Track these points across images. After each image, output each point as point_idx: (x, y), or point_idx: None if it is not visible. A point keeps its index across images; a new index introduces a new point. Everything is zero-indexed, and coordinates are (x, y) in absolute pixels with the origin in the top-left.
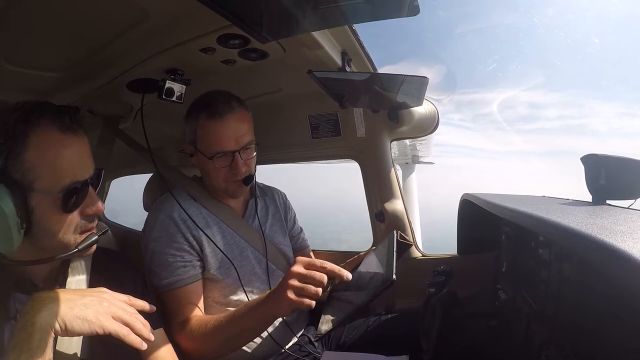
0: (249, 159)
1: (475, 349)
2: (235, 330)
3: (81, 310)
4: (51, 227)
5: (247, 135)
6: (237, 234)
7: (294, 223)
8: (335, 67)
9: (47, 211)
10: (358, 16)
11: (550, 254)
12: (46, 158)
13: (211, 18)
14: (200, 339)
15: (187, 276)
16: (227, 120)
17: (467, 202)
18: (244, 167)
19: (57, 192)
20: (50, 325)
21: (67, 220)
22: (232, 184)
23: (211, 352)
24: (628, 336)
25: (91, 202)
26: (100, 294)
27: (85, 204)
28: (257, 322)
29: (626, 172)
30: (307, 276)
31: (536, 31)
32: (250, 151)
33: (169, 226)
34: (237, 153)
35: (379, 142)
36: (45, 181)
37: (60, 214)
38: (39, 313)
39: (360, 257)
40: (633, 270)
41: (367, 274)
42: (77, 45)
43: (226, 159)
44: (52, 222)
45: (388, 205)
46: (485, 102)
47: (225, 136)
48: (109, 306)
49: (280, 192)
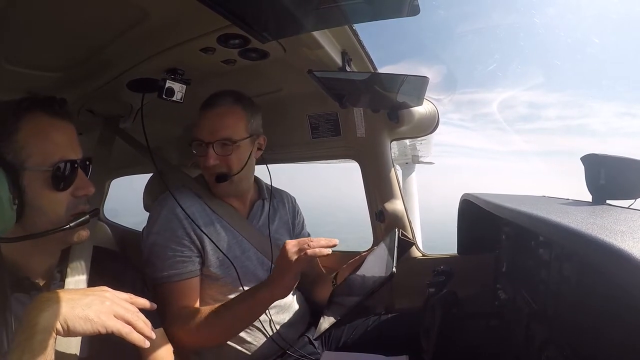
0: (225, 155)
1: (475, 349)
2: (231, 316)
3: (83, 310)
4: (43, 205)
5: (225, 130)
6: (239, 234)
7: (302, 228)
8: (335, 67)
9: (39, 189)
10: (358, 16)
11: (551, 254)
12: (36, 138)
13: (211, 18)
14: (195, 328)
15: (186, 271)
16: (209, 112)
17: (467, 202)
18: (212, 160)
19: (47, 168)
20: (52, 326)
21: (58, 199)
22: (208, 177)
23: (205, 341)
24: (628, 336)
25: (82, 183)
26: (102, 293)
27: (76, 185)
28: (253, 308)
29: (626, 172)
30: (300, 242)
31: (536, 31)
32: (228, 148)
33: (171, 221)
34: (211, 145)
35: (379, 142)
36: (36, 158)
37: (52, 192)
38: (41, 314)
39: (361, 257)
40: (633, 270)
41: (370, 278)
42: (77, 45)
43: (201, 148)
44: (44, 200)
45: (388, 205)
46: (485, 101)
47: (202, 126)
48: (111, 305)
49: (290, 196)
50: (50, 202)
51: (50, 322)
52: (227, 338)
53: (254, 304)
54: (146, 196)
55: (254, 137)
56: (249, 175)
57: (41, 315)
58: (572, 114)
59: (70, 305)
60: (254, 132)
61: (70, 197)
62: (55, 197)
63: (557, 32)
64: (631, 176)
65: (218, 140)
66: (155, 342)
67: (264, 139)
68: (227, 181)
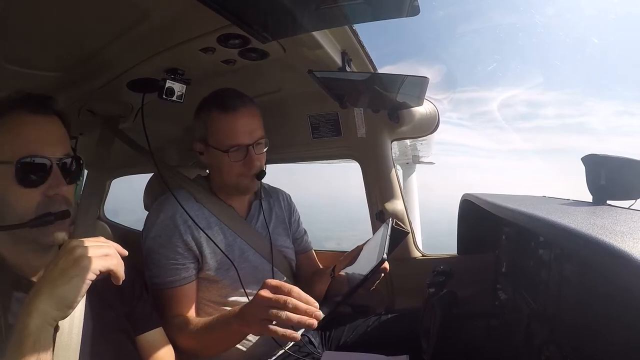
0: (260, 154)
1: (475, 349)
2: (209, 340)
3: (65, 284)
4: (9, 200)
5: (259, 130)
6: (238, 235)
7: (298, 225)
8: (335, 67)
9: (7, 183)
10: (358, 16)
11: (551, 254)
12: (9, 133)
13: (211, 18)
14: (186, 337)
15: (180, 278)
16: (240, 113)
17: (467, 202)
18: (259, 162)
19: (14, 162)
20: (43, 324)
21: (26, 196)
22: (245, 178)
23: (196, 351)
24: (628, 336)
25: (55, 183)
26: (70, 256)
27: (49, 184)
28: (228, 336)
29: (626, 173)
30: (273, 300)
31: (536, 31)
32: (262, 146)
33: (167, 227)
34: (252, 147)
35: (379, 142)
36: (4, 153)
37: (19, 187)
38: (29, 317)
39: (357, 249)
40: (633, 270)
41: (365, 268)
42: (77, 45)
43: (240, 152)
44: (10, 195)
45: (388, 205)
46: (483, 100)
47: (239, 129)
48: (86, 262)
49: (285, 194)
50: (16, 198)
51: (41, 322)
52: (215, 353)
53: (230, 333)
54: (146, 196)
55: None
56: None
57: (30, 318)
58: (571, 113)
59: (51, 289)
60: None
61: (42, 196)
62: (23, 193)
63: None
64: (631, 177)
65: (256, 140)
66: (155, 342)
67: None
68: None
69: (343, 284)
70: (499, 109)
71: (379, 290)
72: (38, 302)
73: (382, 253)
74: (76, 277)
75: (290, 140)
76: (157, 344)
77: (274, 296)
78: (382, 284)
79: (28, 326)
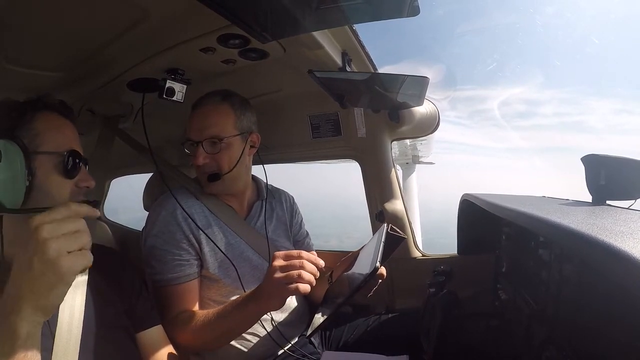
0: (214, 154)
1: (475, 349)
2: (222, 328)
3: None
4: (50, 188)
5: (212, 128)
6: (237, 235)
7: (300, 227)
8: (335, 67)
9: (49, 173)
10: (358, 16)
11: (551, 255)
12: (50, 129)
13: (211, 18)
14: (191, 333)
15: (184, 274)
16: (198, 111)
17: (467, 203)
18: (201, 159)
19: (60, 153)
20: (31, 330)
21: (64, 185)
22: (202, 176)
23: (202, 345)
24: (628, 336)
25: (85, 177)
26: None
27: (80, 177)
28: (244, 320)
29: (626, 173)
30: (288, 265)
31: (535, 30)
32: (216, 146)
33: (169, 223)
34: (200, 144)
35: (379, 142)
36: (50, 145)
37: (60, 178)
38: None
39: (354, 254)
40: (633, 270)
41: (360, 274)
42: (78, 45)
43: (191, 147)
44: (52, 183)
45: (388, 206)
46: (482, 98)
47: (192, 125)
48: (64, 265)
49: (289, 195)
50: (57, 186)
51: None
52: (223, 344)
53: (245, 316)
54: (146, 196)
55: (244, 134)
56: (244, 174)
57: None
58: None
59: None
60: (244, 129)
61: (74, 187)
62: (62, 182)
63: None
64: (631, 176)
65: (206, 138)
66: (155, 340)
67: (257, 137)
68: (220, 180)
69: (340, 289)
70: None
71: (379, 290)
72: (23, 314)
73: (375, 262)
74: (56, 288)
75: (290, 140)
76: (157, 341)
77: (289, 261)
78: (382, 284)
79: (16, 332)
